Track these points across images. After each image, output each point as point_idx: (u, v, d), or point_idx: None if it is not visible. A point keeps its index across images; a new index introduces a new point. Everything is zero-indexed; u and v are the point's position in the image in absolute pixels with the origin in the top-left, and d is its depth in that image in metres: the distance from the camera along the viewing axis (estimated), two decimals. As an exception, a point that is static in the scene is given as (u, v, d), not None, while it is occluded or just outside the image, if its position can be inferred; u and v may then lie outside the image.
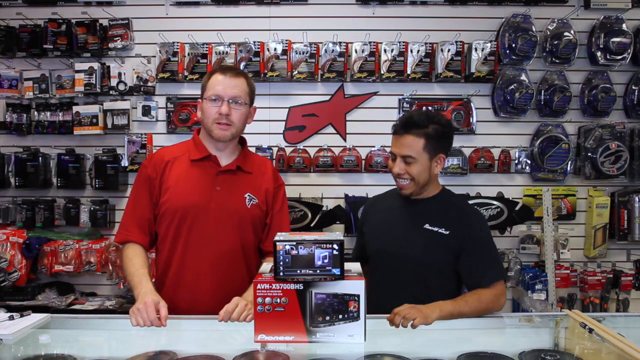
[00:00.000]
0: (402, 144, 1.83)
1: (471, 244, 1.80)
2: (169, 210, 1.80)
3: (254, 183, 1.89)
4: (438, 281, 1.84)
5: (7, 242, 3.00)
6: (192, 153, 1.87)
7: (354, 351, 1.34)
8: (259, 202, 1.87)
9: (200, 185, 1.82)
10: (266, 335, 1.35)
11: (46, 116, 3.17)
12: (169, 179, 1.83)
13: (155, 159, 1.88)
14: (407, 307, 1.56)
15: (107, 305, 2.96)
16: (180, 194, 1.81)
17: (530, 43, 3.05)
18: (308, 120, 3.21)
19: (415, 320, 1.53)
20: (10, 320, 1.53)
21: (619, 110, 3.22)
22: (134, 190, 1.88)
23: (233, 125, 1.81)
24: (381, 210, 2.01)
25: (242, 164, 1.89)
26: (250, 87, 1.88)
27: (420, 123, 1.83)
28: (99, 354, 1.45)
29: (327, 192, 3.18)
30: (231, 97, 1.79)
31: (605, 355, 1.40)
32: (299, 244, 1.34)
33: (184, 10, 3.20)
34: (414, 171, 1.82)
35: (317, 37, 3.13)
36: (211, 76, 1.83)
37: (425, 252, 1.82)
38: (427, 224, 1.84)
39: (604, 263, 3.21)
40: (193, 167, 1.85)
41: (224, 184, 1.84)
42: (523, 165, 3.19)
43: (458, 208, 1.89)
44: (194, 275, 1.79)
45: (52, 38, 3.10)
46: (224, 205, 1.81)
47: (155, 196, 1.83)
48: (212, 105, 1.79)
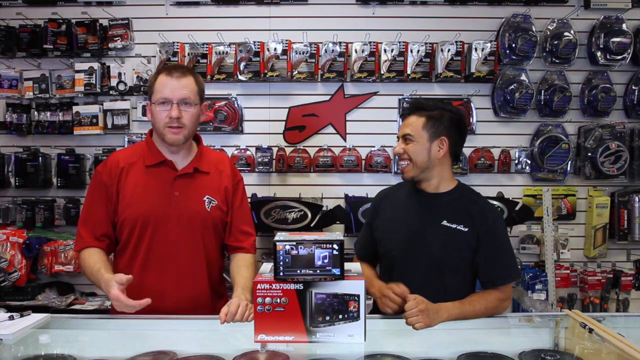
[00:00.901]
0: (405, 125, 1.82)
1: (489, 242, 1.75)
2: (129, 219, 1.76)
3: (213, 183, 1.85)
4: (455, 279, 1.79)
5: (7, 242, 3.00)
6: (147, 158, 1.81)
7: (354, 351, 1.34)
8: (219, 203, 1.84)
9: (158, 192, 1.77)
10: (266, 335, 1.35)
11: (46, 116, 3.17)
12: (126, 186, 1.78)
13: (109, 165, 1.82)
14: (416, 309, 1.54)
15: (107, 305, 2.96)
16: (138, 202, 1.76)
17: (530, 43, 3.05)
18: (308, 120, 3.21)
19: (417, 325, 1.52)
20: (10, 320, 1.53)
21: (619, 110, 3.22)
22: (89, 197, 1.83)
23: (185, 127, 1.74)
24: (394, 204, 1.92)
25: (199, 165, 1.84)
26: (199, 85, 1.80)
27: (425, 106, 1.82)
28: (99, 354, 1.45)
29: (327, 192, 3.18)
30: (180, 99, 1.72)
31: (605, 355, 1.40)
32: (299, 244, 1.34)
33: (184, 10, 3.20)
34: (411, 150, 1.77)
35: (317, 37, 3.13)
36: (157, 77, 1.76)
37: (445, 250, 1.77)
38: (445, 221, 1.78)
39: (604, 263, 3.21)
40: (149, 174, 1.79)
41: (182, 189, 1.79)
42: (523, 165, 3.19)
43: (476, 204, 1.81)
44: (157, 282, 1.76)
45: (52, 38, 3.10)
46: (184, 211, 1.77)
47: (113, 203, 1.78)
48: (161, 109, 1.73)
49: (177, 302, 1.77)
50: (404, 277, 1.74)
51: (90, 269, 1.71)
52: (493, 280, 1.75)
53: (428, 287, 1.68)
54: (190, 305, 1.77)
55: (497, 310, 1.72)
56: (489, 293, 1.74)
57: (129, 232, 1.77)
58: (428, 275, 1.78)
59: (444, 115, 1.80)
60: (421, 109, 1.81)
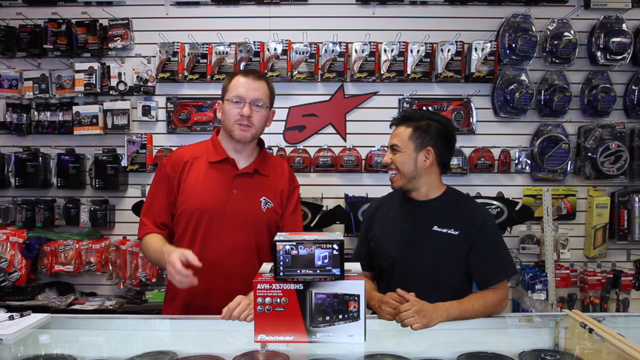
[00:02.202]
0: (393, 135, 1.89)
1: (481, 243, 1.78)
2: (186, 210, 1.82)
3: (271, 186, 1.91)
4: (451, 282, 1.81)
5: (7, 242, 3.00)
6: (210, 155, 1.89)
7: (354, 351, 1.34)
8: (275, 206, 1.89)
9: (217, 188, 1.84)
10: (266, 335, 1.35)
11: (46, 116, 3.17)
12: (187, 179, 1.85)
13: (174, 158, 1.90)
14: (412, 310, 1.54)
15: (107, 305, 2.96)
16: (198, 195, 1.82)
17: (530, 43, 3.05)
18: (308, 120, 3.21)
19: (415, 325, 1.52)
20: (10, 320, 1.53)
21: (619, 110, 3.22)
22: (153, 188, 1.91)
23: (253, 126, 1.83)
24: (386, 214, 1.97)
25: (260, 167, 1.90)
26: (270, 90, 1.90)
27: (413, 116, 1.87)
28: (99, 354, 1.45)
29: (327, 192, 3.18)
30: (253, 99, 1.82)
31: (605, 355, 1.40)
32: (299, 244, 1.34)
33: (184, 10, 3.20)
34: (398, 160, 1.83)
35: (317, 37, 3.13)
36: (233, 78, 1.85)
37: (437, 255, 1.79)
38: (435, 226, 1.81)
39: (604, 263, 3.21)
40: (211, 169, 1.86)
41: (241, 187, 1.85)
42: (523, 165, 3.19)
43: (465, 207, 1.85)
44: (208, 277, 1.77)
45: (52, 38, 3.10)
46: (239, 208, 1.83)
47: (174, 195, 1.85)
48: (233, 106, 1.81)
49: (225, 299, 1.76)
50: (401, 284, 1.74)
51: (153, 247, 1.77)
52: (488, 280, 1.77)
53: (424, 292, 1.68)
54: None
55: (496, 310, 1.72)
56: (487, 292, 1.74)
57: (185, 224, 1.83)
58: (423, 281, 1.80)
59: (431, 126, 1.83)
60: (409, 119, 1.87)
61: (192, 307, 1.81)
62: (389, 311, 1.63)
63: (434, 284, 1.79)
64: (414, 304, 1.56)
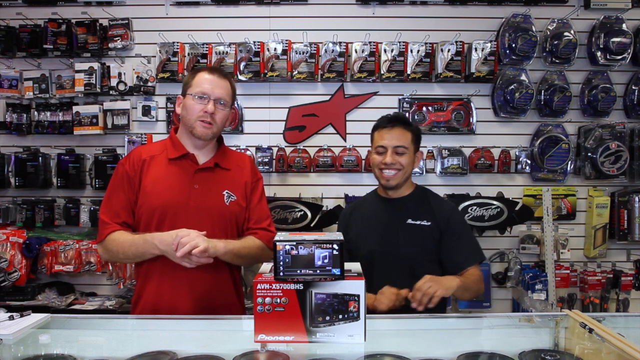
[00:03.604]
0: (393, 136, 1.96)
1: (449, 232, 1.94)
2: (148, 209, 1.80)
3: (233, 179, 1.90)
4: (427, 270, 1.91)
5: (7, 242, 3.00)
6: (169, 151, 1.87)
7: (354, 351, 1.34)
8: (238, 199, 1.88)
9: (178, 184, 1.82)
10: (266, 335, 1.35)
11: (46, 116, 3.17)
12: (147, 177, 1.82)
13: (132, 157, 1.87)
14: (427, 280, 1.66)
15: (107, 305, 2.96)
16: (159, 192, 1.80)
17: (530, 43, 3.05)
18: (308, 120, 3.21)
19: (437, 293, 1.62)
20: (10, 320, 1.53)
21: (619, 110, 3.22)
22: (111, 188, 1.86)
23: (215, 124, 1.82)
24: (363, 215, 2.09)
25: (220, 161, 1.89)
26: (233, 90, 1.91)
27: (405, 120, 2.04)
28: (99, 354, 1.45)
29: (327, 192, 3.18)
30: (217, 97, 1.81)
31: (605, 355, 1.40)
32: (299, 244, 1.34)
33: (184, 10, 3.20)
34: (405, 161, 1.96)
35: (317, 37, 3.13)
36: (197, 73, 1.84)
37: (411, 246, 1.95)
38: (409, 219, 1.97)
39: (604, 263, 3.21)
40: (171, 166, 1.85)
41: (202, 182, 1.84)
42: (523, 165, 3.19)
43: (434, 201, 2.04)
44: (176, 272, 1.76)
45: (52, 38, 3.10)
46: (202, 203, 1.81)
47: (134, 193, 1.82)
48: (197, 102, 1.80)
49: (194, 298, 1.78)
50: (382, 276, 1.87)
51: (129, 241, 1.75)
52: (458, 265, 1.91)
53: (402, 282, 1.78)
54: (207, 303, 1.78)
55: (481, 286, 1.90)
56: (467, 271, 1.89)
57: (147, 221, 1.80)
58: (402, 271, 1.91)
59: (418, 131, 2.05)
60: (403, 122, 2.01)
61: (160, 309, 1.78)
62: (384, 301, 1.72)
63: (412, 272, 1.89)
64: (426, 280, 1.67)
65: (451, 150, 3.15)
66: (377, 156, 1.99)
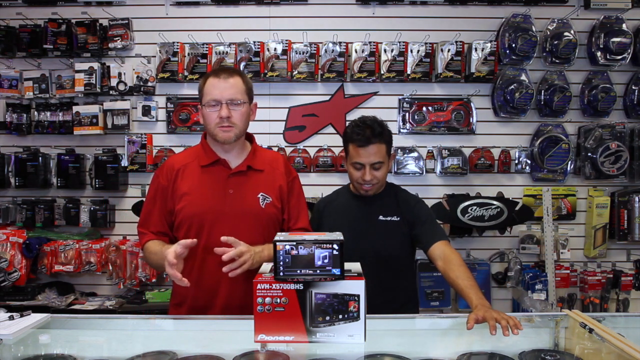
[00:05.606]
0: (370, 154, 1.96)
1: (418, 219, 2.03)
2: (185, 218, 1.80)
3: (267, 181, 1.88)
4: (399, 264, 2.05)
5: (7, 242, 3.00)
6: (201, 159, 1.86)
7: (354, 351, 1.34)
8: (273, 200, 1.86)
9: (212, 191, 1.82)
10: (266, 335, 1.35)
11: (46, 116, 3.17)
12: (182, 186, 1.82)
13: (166, 168, 1.88)
14: (489, 310, 1.49)
15: (107, 305, 2.96)
16: (194, 201, 1.80)
17: (530, 43, 3.05)
18: (308, 120, 3.21)
19: (502, 315, 1.47)
20: (10, 320, 1.53)
21: (619, 110, 3.22)
22: (148, 200, 1.89)
23: (235, 126, 1.79)
24: (336, 211, 2.14)
25: (252, 163, 1.88)
26: (246, 84, 1.85)
27: (377, 131, 1.96)
28: (99, 354, 1.45)
29: (327, 192, 3.14)
30: (228, 98, 1.78)
31: (605, 355, 1.40)
32: (299, 244, 1.34)
33: (184, 10, 3.20)
34: (381, 175, 2.00)
35: (317, 37, 3.13)
36: (206, 81, 1.82)
37: (384, 241, 2.02)
38: (380, 216, 2.05)
39: (604, 263, 3.21)
40: (204, 173, 1.84)
41: (236, 186, 1.83)
42: (523, 165, 3.19)
43: (402, 197, 2.11)
44: (214, 279, 1.77)
45: (52, 38, 3.10)
46: (238, 208, 1.81)
47: (170, 204, 1.84)
48: (211, 110, 1.78)
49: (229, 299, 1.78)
50: None
51: (155, 251, 1.77)
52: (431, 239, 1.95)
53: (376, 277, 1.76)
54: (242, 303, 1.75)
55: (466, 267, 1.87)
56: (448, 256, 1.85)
57: (186, 230, 1.80)
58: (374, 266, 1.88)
59: (389, 134, 2.02)
60: (377, 135, 1.96)
61: (199, 310, 1.79)
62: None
63: (385, 267, 1.98)
64: (485, 310, 1.50)
65: (451, 150, 3.15)
66: (355, 171, 2.01)
